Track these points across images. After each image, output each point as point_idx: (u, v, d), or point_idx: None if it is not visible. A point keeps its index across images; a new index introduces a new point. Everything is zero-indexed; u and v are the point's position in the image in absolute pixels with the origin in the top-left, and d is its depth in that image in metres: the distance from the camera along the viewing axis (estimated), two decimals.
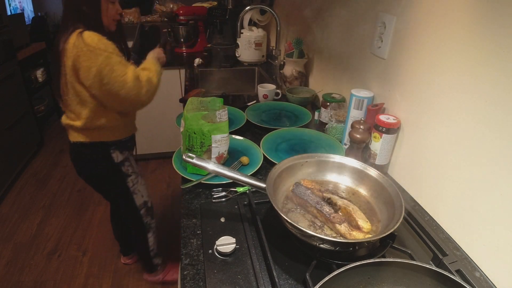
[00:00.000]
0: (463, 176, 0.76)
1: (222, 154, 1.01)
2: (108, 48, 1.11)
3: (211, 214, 0.86)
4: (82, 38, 1.08)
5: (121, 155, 1.34)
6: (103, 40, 1.10)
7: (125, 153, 1.37)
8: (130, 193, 1.41)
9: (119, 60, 1.13)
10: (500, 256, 0.68)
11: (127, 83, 1.13)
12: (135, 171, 1.41)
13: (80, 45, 1.07)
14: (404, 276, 0.60)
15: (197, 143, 0.96)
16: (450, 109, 0.79)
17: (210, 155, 0.99)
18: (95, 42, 1.08)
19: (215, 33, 2.64)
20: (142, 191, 1.46)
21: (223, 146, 1.00)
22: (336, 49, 1.41)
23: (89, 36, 1.09)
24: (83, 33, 1.09)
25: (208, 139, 0.96)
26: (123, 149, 1.36)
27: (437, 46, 0.81)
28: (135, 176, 1.41)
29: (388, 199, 0.78)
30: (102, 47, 1.10)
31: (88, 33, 1.09)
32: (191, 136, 0.96)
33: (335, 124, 1.21)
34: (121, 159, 1.34)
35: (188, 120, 0.95)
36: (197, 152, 0.97)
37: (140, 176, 1.44)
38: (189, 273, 0.70)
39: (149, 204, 1.51)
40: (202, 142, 0.96)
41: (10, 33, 2.62)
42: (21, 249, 2.00)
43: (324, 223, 0.77)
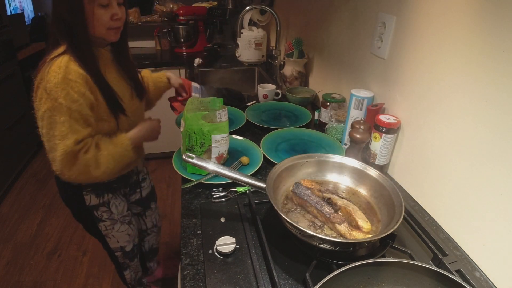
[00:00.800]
0: (463, 176, 0.76)
1: (222, 154, 1.01)
2: (62, 96, 0.82)
3: (211, 214, 0.86)
4: (49, 68, 0.83)
5: (96, 199, 1.10)
6: (66, 82, 0.83)
7: (105, 197, 1.12)
8: (103, 236, 1.20)
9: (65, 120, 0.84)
10: (500, 256, 0.68)
11: (56, 151, 0.86)
12: (114, 217, 1.16)
13: (42, 76, 0.84)
14: (404, 276, 0.60)
15: (197, 143, 0.97)
16: (450, 109, 0.79)
17: (210, 155, 0.99)
18: (54, 81, 0.82)
19: (215, 33, 2.64)
20: (119, 237, 1.22)
21: (223, 146, 1.00)
22: (336, 49, 1.41)
23: (56, 68, 0.83)
24: (54, 61, 0.84)
25: (208, 139, 0.96)
26: (103, 191, 1.11)
27: (437, 46, 0.81)
28: (111, 222, 1.17)
29: (388, 199, 0.78)
30: (54, 93, 0.82)
31: (59, 64, 0.83)
32: (191, 136, 0.96)
33: (335, 124, 1.21)
34: (94, 203, 1.10)
35: (188, 120, 0.96)
36: (197, 152, 0.97)
37: (120, 223, 1.19)
38: (189, 273, 0.70)
39: (127, 248, 1.28)
40: (202, 142, 0.96)
41: (10, 33, 2.62)
42: (21, 249, 2.00)
43: (324, 223, 0.77)
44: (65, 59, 0.84)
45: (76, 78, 0.84)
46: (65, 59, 0.84)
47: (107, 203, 1.13)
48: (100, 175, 0.93)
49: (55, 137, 0.85)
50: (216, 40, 2.65)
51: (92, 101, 0.89)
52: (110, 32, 0.90)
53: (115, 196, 1.16)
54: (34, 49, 3.04)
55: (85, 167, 0.90)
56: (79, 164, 0.88)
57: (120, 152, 0.96)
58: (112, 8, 0.87)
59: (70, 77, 0.83)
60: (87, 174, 0.91)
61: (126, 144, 0.97)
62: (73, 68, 0.84)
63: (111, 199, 1.14)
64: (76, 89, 0.84)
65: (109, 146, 0.94)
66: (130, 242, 1.28)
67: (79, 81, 0.85)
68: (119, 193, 1.18)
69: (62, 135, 0.85)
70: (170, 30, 2.63)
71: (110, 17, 0.87)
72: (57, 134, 0.85)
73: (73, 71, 0.84)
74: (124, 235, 1.23)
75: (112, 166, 0.95)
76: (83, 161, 0.89)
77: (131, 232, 1.27)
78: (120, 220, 1.19)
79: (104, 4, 0.85)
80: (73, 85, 0.84)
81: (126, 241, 1.26)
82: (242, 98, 1.62)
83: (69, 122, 0.85)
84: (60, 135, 0.85)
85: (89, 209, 1.11)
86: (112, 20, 0.88)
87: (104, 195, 1.12)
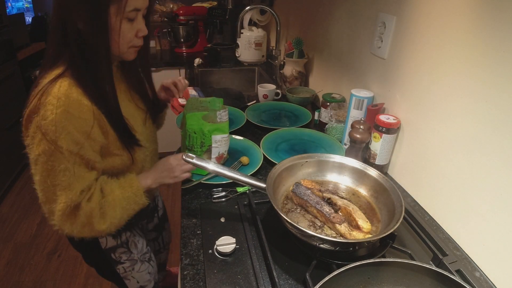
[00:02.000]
0: (463, 176, 0.76)
1: (222, 154, 1.01)
2: (62, 138, 0.65)
3: (211, 214, 0.86)
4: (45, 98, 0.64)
5: (112, 240, 0.94)
6: (67, 118, 0.64)
7: (123, 236, 0.96)
8: (121, 278, 1.03)
9: (66, 168, 0.68)
10: (500, 256, 0.68)
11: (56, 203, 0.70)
12: (134, 258, 1.01)
13: (35, 107, 0.65)
14: (404, 276, 0.60)
15: (197, 143, 0.97)
16: (450, 109, 0.79)
17: (210, 155, 0.99)
18: (51, 117, 0.63)
19: (215, 33, 2.64)
20: (139, 277, 1.05)
21: (223, 146, 1.00)
22: (336, 49, 1.41)
23: (54, 99, 0.64)
24: (50, 88, 0.65)
25: (208, 139, 0.96)
26: (120, 230, 0.88)
27: (437, 46, 0.81)
28: (131, 263, 1.01)
29: (388, 199, 0.78)
30: (52, 133, 0.64)
31: (57, 92, 0.64)
32: (191, 136, 0.96)
33: (335, 124, 1.21)
34: (111, 245, 0.94)
35: (188, 120, 0.95)
36: (197, 152, 0.97)
37: (141, 262, 1.04)
38: (189, 273, 0.70)
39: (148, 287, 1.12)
40: (202, 142, 0.96)
41: (10, 33, 2.62)
42: (21, 249, 2.00)
43: (324, 223, 0.77)
44: (65, 85, 0.65)
45: (80, 114, 0.66)
46: (65, 84, 0.65)
47: (125, 243, 0.97)
48: (106, 228, 0.76)
49: (54, 187, 0.69)
50: (216, 40, 2.65)
51: (101, 140, 0.73)
52: (131, 51, 0.75)
53: (133, 233, 1.00)
54: (34, 49, 3.04)
55: (89, 218, 0.73)
56: (81, 215, 0.72)
57: (128, 197, 0.78)
58: (138, 23, 0.72)
59: (72, 112, 0.65)
60: (91, 228, 0.74)
61: (135, 187, 0.78)
62: (76, 99, 0.65)
63: (130, 238, 0.98)
64: (80, 128, 0.67)
65: (116, 190, 0.77)
66: (151, 280, 1.11)
67: (83, 117, 0.67)
68: (136, 227, 1.03)
69: (63, 186, 0.69)
70: (170, 30, 2.63)
71: (135, 34, 0.72)
72: (57, 184, 0.69)
73: (76, 103, 0.65)
74: (145, 274, 1.07)
75: (120, 216, 0.78)
76: (86, 211, 0.72)
77: (152, 270, 1.11)
78: (140, 259, 1.04)
79: (132, 17, 0.69)
80: (76, 123, 0.66)
81: (147, 280, 1.09)
82: (242, 98, 1.62)
83: (72, 170, 0.68)
84: (61, 185, 0.69)
85: (105, 252, 0.95)
86: (136, 37, 0.73)
87: (121, 234, 0.96)
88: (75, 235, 0.75)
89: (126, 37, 0.71)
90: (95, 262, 1.03)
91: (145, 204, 0.81)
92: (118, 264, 0.99)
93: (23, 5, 3.25)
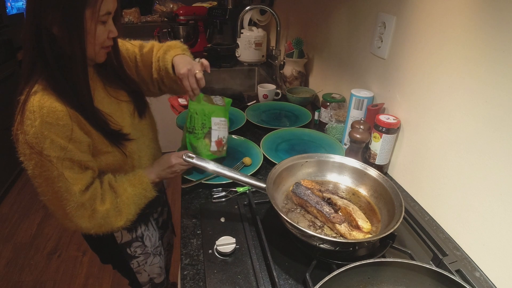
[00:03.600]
0: (463, 176, 0.76)
1: (221, 139, 1.00)
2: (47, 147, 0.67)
3: (211, 214, 0.86)
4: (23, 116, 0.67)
5: (128, 235, 0.97)
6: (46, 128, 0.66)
7: (138, 230, 0.99)
8: (133, 273, 1.07)
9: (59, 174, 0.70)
10: (500, 256, 0.68)
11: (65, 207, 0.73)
12: (148, 251, 1.04)
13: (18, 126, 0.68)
14: (404, 276, 0.60)
15: (199, 124, 0.96)
16: (450, 109, 0.79)
17: (210, 138, 0.98)
18: (31, 131, 0.66)
19: (215, 33, 2.64)
20: (150, 270, 1.10)
21: (222, 131, 1.00)
22: (336, 49, 1.41)
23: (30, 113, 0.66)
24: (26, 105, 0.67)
25: (209, 120, 0.97)
26: (135, 223, 0.92)
27: (437, 46, 0.81)
28: (145, 257, 1.05)
29: (388, 199, 0.78)
30: (36, 145, 0.67)
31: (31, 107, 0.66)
32: (192, 117, 0.96)
33: (335, 124, 1.21)
34: (127, 240, 0.98)
35: (191, 103, 0.97)
36: (198, 134, 0.96)
37: (153, 255, 1.07)
38: (189, 273, 0.70)
39: (157, 280, 1.15)
40: (203, 123, 0.97)
41: (10, 33, 2.62)
42: (21, 249, 2.00)
43: (324, 223, 0.77)
44: (37, 97, 0.67)
45: (57, 121, 0.67)
46: (37, 96, 0.67)
47: (140, 237, 1.00)
48: (123, 224, 0.82)
49: (56, 194, 0.72)
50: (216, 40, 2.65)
51: (86, 140, 0.74)
52: (102, 52, 0.76)
53: (147, 227, 1.03)
54: None
55: (106, 219, 0.78)
56: (97, 218, 0.77)
57: (140, 193, 0.83)
58: (109, 25, 0.74)
59: (49, 121, 0.66)
60: (108, 226, 0.80)
61: (145, 183, 0.84)
62: (49, 107, 0.66)
63: (144, 232, 1.02)
64: (61, 134, 0.68)
65: (128, 189, 0.81)
66: (161, 275, 1.15)
67: (61, 123, 0.68)
68: (152, 219, 1.06)
69: (62, 191, 0.72)
70: (170, 30, 2.63)
71: (107, 35, 0.74)
72: (57, 191, 0.72)
73: (50, 112, 0.66)
74: (156, 267, 1.11)
75: (134, 212, 0.83)
76: (102, 213, 0.77)
77: (163, 264, 1.15)
78: (153, 252, 1.07)
79: (105, 20, 0.71)
80: (56, 130, 0.67)
81: (156, 274, 1.13)
82: (242, 98, 1.62)
83: (64, 175, 0.71)
84: (60, 191, 0.72)
85: (120, 247, 0.98)
86: (108, 38, 0.75)
87: (136, 228, 0.99)
88: (94, 233, 0.80)
89: (100, 38, 0.72)
90: (112, 260, 1.06)
91: (154, 196, 0.88)
92: (133, 259, 1.03)
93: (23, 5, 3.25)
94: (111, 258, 1.06)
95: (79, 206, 0.74)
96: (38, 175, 0.70)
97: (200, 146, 0.96)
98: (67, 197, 0.72)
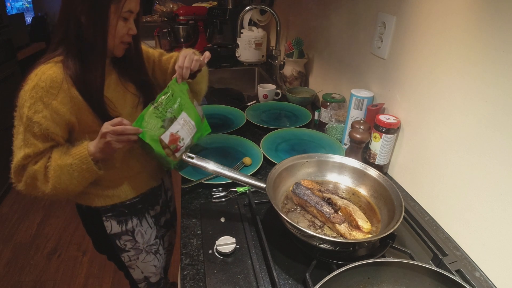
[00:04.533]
0: (463, 176, 0.76)
1: (178, 137, 0.89)
2: (27, 106, 0.74)
3: (211, 214, 0.86)
4: (30, 73, 0.76)
5: (117, 226, 0.98)
6: (35, 90, 0.74)
7: (129, 224, 1.00)
8: (125, 266, 1.08)
9: (22, 131, 0.76)
10: (500, 256, 0.68)
11: (14, 157, 0.78)
12: (139, 247, 1.04)
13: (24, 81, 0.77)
14: (404, 276, 0.60)
15: (168, 104, 0.86)
16: (450, 109, 0.79)
17: (168, 127, 0.86)
18: (25, 88, 0.75)
19: (215, 33, 2.64)
20: (143, 267, 1.10)
21: (185, 132, 0.90)
22: (336, 49, 1.41)
23: (33, 74, 0.75)
24: (38, 66, 0.76)
25: (179, 111, 0.89)
26: (126, 216, 0.98)
27: (437, 46, 0.81)
28: (136, 252, 1.05)
29: (388, 199, 0.78)
30: (22, 100, 0.75)
31: (38, 70, 0.75)
32: (167, 94, 0.86)
33: (335, 124, 1.21)
34: (116, 231, 0.98)
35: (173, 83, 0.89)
36: (160, 112, 0.84)
37: (146, 252, 1.07)
38: (189, 273, 0.70)
39: (152, 280, 1.15)
40: (172, 108, 0.87)
41: (10, 33, 2.62)
42: (21, 249, 2.00)
43: (324, 223, 0.77)
44: (46, 66, 0.75)
45: (49, 87, 0.74)
46: (46, 66, 0.75)
47: (131, 231, 1.01)
48: (50, 191, 0.78)
49: (14, 147, 0.78)
50: (216, 40, 2.65)
51: (67, 117, 0.78)
52: (121, 46, 0.84)
53: (141, 223, 1.03)
54: (34, 49, 3.04)
55: (32, 179, 0.78)
56: (26, 176, 0.78)
57: (75, 164, 0.78)
58: (130, 23, 0.82)
59: (41, 85, 0.73)
60: (34, 188, 0.79)
61: (83, 154, 0.78)
62: (50, 76, 0.74)
63: (136, 227, 1.02)
64: (44, 99, 0.74)
65: (63, 157, 0.79)
66: (157, 274, 1.14)
67: (51, 91, 0.74)
68: (148, 216, 1.06)
69: (17, 147, 0.77)
70: (170, 30, 2.63)
71: (127, 31, 0.82)
72: (14, 145, 0.78)
73: (48, 78, 0.74)
74: (149, 265, 1.10)
75: (66, 181, 0.78)
76: (30, 172, 0.77)
77: (158, 263, 1.12)
78: (145, 250, 1.07)
79: (126, 17, 0.80)
80: (42, 95, 0.74)
81: (151, 272, 1.13)
82: (242, 98, 1.62)
83: (26, 134, 0.76)
84: (16, 146, 0.77)
85: (111, 238, 0.99)
86: (127, 34, 0.83)
87: (127, 221, 0.99)
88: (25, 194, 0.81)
89: (120, 32, 0.80)
90: (103, 249, 1.07)
91: (97, 173, 0.81)
92: (123, 252, 1.03)
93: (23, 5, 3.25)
94: (104, 247, 1.06)
95: (17, 166, 0.77)
96: (15, 125, 0.78)
97: (151, 124, 0.81)
98: (17, 154, 0.77)
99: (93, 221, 0.97)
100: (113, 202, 0.95)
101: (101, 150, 0.78)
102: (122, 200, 0.96)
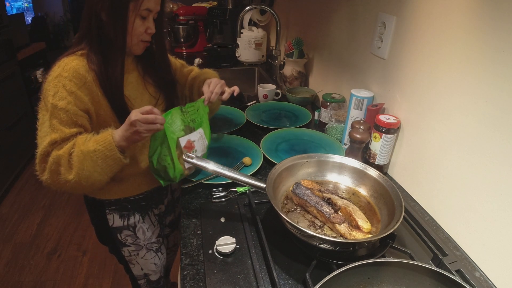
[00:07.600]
0: (463, 176, 0.76)
1: (193, 146, 0.91)
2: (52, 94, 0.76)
3: (211, 214, 0.86)
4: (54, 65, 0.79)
5: (119, 220, 0.99)
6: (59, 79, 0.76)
7: (131, 219, 1.01)
8: (126, 261, 1.10)
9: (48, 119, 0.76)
10: (500, 256, 0.68)
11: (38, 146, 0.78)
12: (139, 243, 1.06)
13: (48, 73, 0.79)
14: (404, 276, 0.60)
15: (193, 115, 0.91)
16: (450, 109, 0.79)
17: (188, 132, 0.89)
18: (49, 79, 0.78)
19: (215, 33, 2.64)
20: (143, 264, 1.10)
21: (199, 144, 0.94)
22: (336, 49, 1.41)
23: (56, 66, 0.78)
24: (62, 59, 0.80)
25: (199, 125, 0.93)
26: (129, 211, 1.00)
27: (437, 46, 0.81)
28: (136, 248, 1.06)
29: (388, 199, 0.78)
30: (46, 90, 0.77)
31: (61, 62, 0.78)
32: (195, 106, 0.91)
33: (335, 124, 1.21)
34: (118, 225, 1.00)
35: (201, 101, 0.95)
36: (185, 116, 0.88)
37: (147, 249, 1.08)
38: (189, 273, 0.70)
39: (152, 278, 1.15)
40: (194, 120, 0.91)
41: (10, 33, 2.62)
42: (21, 249, 2.00)
43: (324, 223, 0.77)
44: (72, 58, 0.79)
45: (72, 77, 0.77)
46: (72, 58, 0.79)
47: (132, 227, 1.02)
48: (73, 177, 0.75)
49: (39, 138, 0.78)
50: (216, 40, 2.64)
51: (87, 106, 0.80)
52: (140, 45, 0.86)
53: (143, 219, 1.04)
54: (34, 49, 3.04)
55: (56, 165, 0.75)
56: (50, 162, 0.75)
57: (99, 150, 0.75)
58: (148, 22, 0.83)
59: (64, 75, 0.76)
60: (58, 175, 0.76)
61: (108, 141, 0.75)
62: (74, 67, 0.77)
63: (138, 223, 1.03)
64: (67, 87, 0.76)
65: (87, 143, 0.76)
66: (157, 272, 1.15)
67: (74, 81, 0.77)
68: (151, 214, 1.07)
69: (41, 136, 0.77)
70: (170, 30, 2.63)
71: (145, 30, 0.83)
72: (40, 135, 0.77)
73: (71, 69, 0.77)
74: (149, 263, 1.11)
75: (89, 168, 0.75)
76: (54, 157, 0.75)
77: (158, 262, 1.13)
78: (146, 247, 1.08)
79: (144, 16, 0.81)
80: (65, 83, 0.76)
81: (151, 270, 1.13)
82: (242, 98, 1.62)
83: (51, 121, 0.76)
84: (41, 136, 0.77)
85: (112, 231, 1.01)
86: (146, 33, 0.84)
87: (130, 217, 1.00)
88: (50, 185, 0.79)
89: (137, 30, 0.82)
90: (105, 241, 1.08)
91: (122, 161, 0.78)
92: (124, 246, 1.05)
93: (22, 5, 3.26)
94: (106, 238, 1.07)
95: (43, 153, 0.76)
96: (39, 116, 0.79)
97: (175, 123, 0.84)
98: (41, 142, 0.77)
99: (97, 212, 0.99)
100: (117, 196, 0.97)
101: (126, 139, 0.77)
102: (126, 195, 0.98)
